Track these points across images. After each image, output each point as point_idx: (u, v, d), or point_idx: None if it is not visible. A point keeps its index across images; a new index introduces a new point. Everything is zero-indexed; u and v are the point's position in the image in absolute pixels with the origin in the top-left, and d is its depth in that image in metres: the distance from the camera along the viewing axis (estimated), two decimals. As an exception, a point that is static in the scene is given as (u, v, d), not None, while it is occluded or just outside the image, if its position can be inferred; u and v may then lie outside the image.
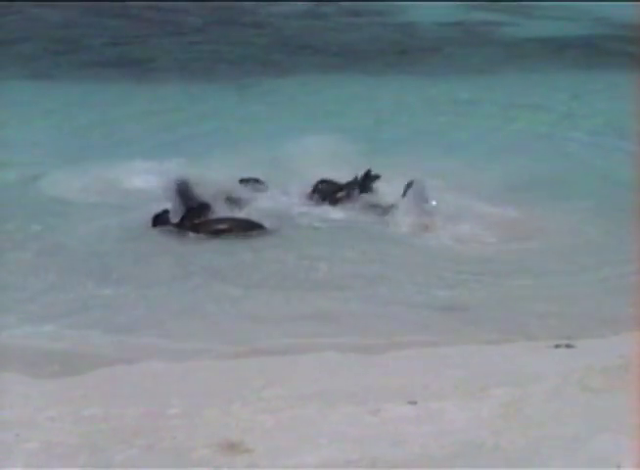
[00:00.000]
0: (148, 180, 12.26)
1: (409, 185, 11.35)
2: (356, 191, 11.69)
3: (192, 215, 10.98)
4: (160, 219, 10.88)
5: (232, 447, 5.25)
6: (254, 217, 11.01)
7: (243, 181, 11.93)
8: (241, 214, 11.16)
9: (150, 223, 10.85)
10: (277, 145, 13.62)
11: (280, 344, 7.55)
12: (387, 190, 11.71)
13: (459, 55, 21.94)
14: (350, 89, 18.30)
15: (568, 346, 7.04)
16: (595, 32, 24.62)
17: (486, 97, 17.72)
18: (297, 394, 5.99)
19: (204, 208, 11.22)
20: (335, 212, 11.44)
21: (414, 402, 5.84)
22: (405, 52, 22.34)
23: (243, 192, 11.78)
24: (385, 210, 11.31)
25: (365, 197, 11.68)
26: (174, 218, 10.95)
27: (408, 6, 27.59)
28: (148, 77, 19.30)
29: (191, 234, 10.73)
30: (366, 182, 11.79)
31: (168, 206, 11.07)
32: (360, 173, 11.86)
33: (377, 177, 11.86)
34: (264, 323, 8.19)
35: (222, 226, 10.88)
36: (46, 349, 7.52)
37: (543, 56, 21.92)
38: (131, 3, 27.53)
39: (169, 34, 24.25)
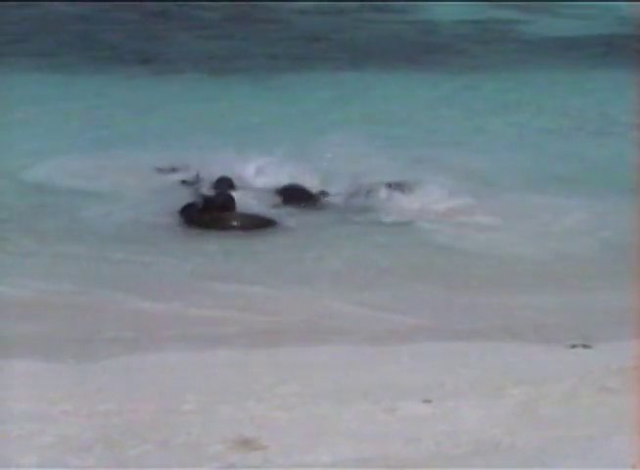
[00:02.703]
0: (160, 174, 12.33)
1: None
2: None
3: (211, 209, 11.02)
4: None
5: (246, 444, 5.24)
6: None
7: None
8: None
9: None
10: (296, 142, 13.61)
11: (294, 337, 7.56)
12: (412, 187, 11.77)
13: (479, 53, 21.88)
14: (370, 86, 18.27)
15: (584, 346, 7.01)
16: (616, 31, 24.48)
17: (506, 95, 17.67)
18: (311, 391, 5.98)
19: (224, 202, 11.24)
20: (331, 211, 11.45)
21: (429, 401, 5.82)
22: (425, 49, 22.29)
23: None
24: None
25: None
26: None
27: (428, 3, 27.51)
28: (164, 72, 19.33)
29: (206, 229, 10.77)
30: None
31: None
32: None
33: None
34: (279, 316, 8.23)
35: (235, 223, 10.90)
36: (60, 337, 7.55)
37: (563, 54, 21.82)
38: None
39: (186, 29, 24.25)
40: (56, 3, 26.25)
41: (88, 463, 5.02)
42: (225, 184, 11.78)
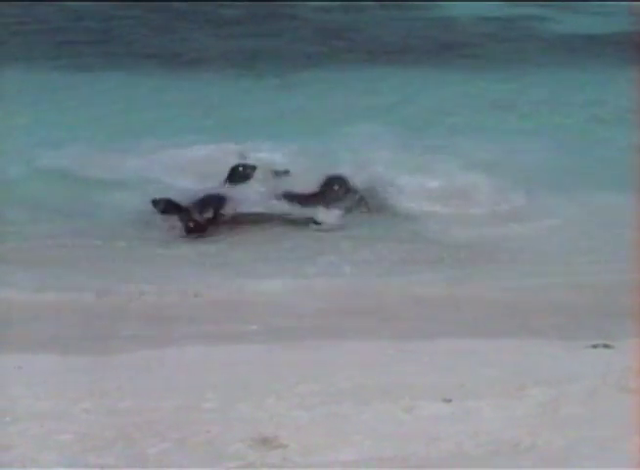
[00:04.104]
0: (178, 169, 12.36)
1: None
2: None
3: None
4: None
5: (266, 443, 5.24)
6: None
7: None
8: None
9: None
10: (314, 136, 13.63)
11: (314, 335, 7.55)
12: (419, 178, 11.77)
13: (499, 50, 21.80)
14: (390, 83, 18.25)
15: (605, 346, 6.97)
16: (637, 28, 24.34)
17: (525, 92, 17.62)
18: (331, 390, 5.97)
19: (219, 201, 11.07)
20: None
21: (449, 400, 5.81)
22: (445, 46, 22.23)
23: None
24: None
25: None
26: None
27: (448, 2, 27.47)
28: (184, 69, 19.37)
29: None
30: None
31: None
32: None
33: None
34: (299, 314, 8.22)
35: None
36: (80, 335, 7.56)
37: (583, 51, 21.73)
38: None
39: (205, 26, 24.28)
40: (73, 2, 26.35)
41: (108, 461, 5.04)
42: (238, 176, 11.70)
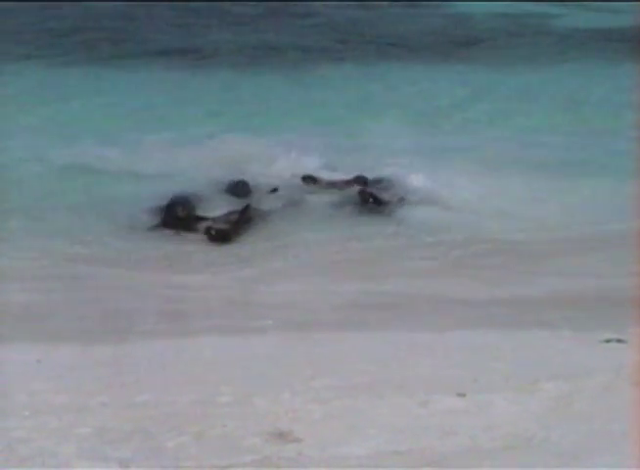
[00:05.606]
0: (194, 162, 12.40)
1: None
2: None
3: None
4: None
5: (281, 436, 5.28)
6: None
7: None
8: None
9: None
10: (328, 133, 13.65)
11: (329, 330, 7.58)
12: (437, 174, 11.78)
13: (511, 46, 21.81)
14: (403, 79, 18.26)
15: (618, 340, 6.99)
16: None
17: (536, 88, 17.62)
18: (345, 384, 6.01)
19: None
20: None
21: (463, 395, 5.84)
22: (458, 42, 22.24)
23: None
24: None
25: None
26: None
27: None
28: (201, 65, 19.42)
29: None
30: None
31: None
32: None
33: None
34: (314, 309, 8.25)
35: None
36: (98, 329, 7.60)
37: (594, 47, 21.69)
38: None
39: (220, 23, 24.33)
40: (93, 2, 26.45)
41: (126, 454, 5.08)
42: (241, 188, 11.58)
